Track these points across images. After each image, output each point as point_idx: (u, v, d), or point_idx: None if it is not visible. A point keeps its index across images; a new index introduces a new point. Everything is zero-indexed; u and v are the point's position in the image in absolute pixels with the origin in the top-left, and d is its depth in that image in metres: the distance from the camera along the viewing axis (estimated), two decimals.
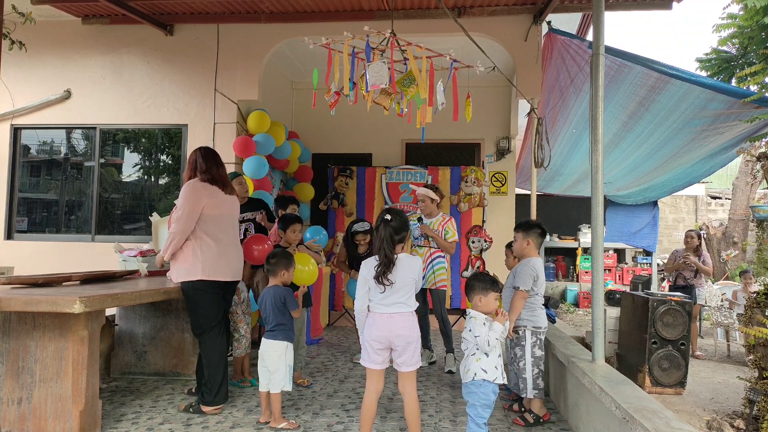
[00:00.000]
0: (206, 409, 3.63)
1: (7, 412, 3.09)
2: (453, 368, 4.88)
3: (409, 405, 3.04)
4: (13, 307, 2.94)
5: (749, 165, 12.03)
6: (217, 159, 3.85)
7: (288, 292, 3.67)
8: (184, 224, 3.57)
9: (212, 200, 3.66)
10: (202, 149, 3.84)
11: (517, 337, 3.74)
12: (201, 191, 3.63)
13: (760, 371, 4.01)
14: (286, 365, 3.53)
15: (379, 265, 2.96)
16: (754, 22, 5.38)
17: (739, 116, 5.11)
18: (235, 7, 5.98)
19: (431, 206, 5.06)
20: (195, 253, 3.61)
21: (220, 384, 3.66)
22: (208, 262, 3.61)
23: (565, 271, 11.93)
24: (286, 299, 3.62)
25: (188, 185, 3.64)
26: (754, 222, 11.55)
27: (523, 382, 3.67)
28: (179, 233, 3.58)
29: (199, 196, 3.61)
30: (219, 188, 3.74)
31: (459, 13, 5.88)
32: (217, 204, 3.69)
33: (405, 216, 3.14)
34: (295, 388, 4.24)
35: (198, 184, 3.65)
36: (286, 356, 3.55)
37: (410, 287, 3.03)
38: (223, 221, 3.75)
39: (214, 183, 3.72)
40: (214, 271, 3.64)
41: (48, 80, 6.44)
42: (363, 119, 7.24)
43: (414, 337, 3.02)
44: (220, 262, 3.67)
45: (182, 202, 3.59)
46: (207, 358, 3.68)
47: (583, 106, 5.83)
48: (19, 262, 6.12)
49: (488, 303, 3.03)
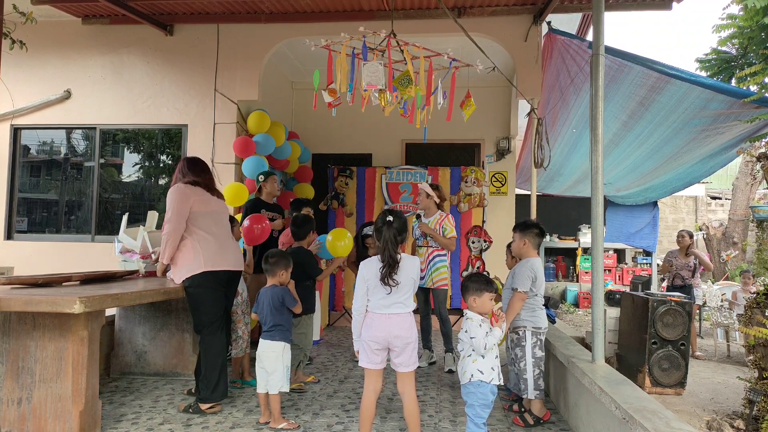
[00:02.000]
0: (203, 406, 3.63)
1: (7, 412, 3.09)
2: (453, 367, 4.89)
3: (409, 405, 3.04)
4: (13, 307, 2.94)
5: (749, 165, 12.04)
6: (202, 167, 3.91)
7: (285, 291, 3.67)
8: (176, 223, 3.61)
9: (199, 198, 3.73)
10: (185, 160, 3.90)
11: (518, 338, 3.73)
12: (186, 190, 3.70)
13: (760, 371, 4.01)
14: (284, 366, 3.52)
15: (384, 266, 2.97)
16: (753, 23, 5.38)
17: (739, 116, 5.11)
18: (235, 7, 5.98)
19: (426, 201, 5.05)
20: (195, 249, 3.65)
21: (217, 381, 3.66)
22: (208, 254, 3.66)
23: (565, 271, 11.93)
24: (284, 298, 3.61)
25: (173, 188, 3.73)
26: (754, 222, 11.56)
27: (524, 383, 3.67)
28: (172, 233, 3.62)
29: (185, 195, 3.67)
30: (204, 190, 3.80)
31: (459, 13, 5.88)
32: (204, 201, 3.75)
33: (404, 217, 3.15)
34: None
35: (182, 186, 3.72)
36: (284, 357, 3.54)
37: (410, 287, 3.04)
38: (215, 217, 3.81)
39: (198, 185, 3.78)
40: (216, 262, 3.68)
41: (48, 80, 6.44)
42: (363, 119, 7.24)
43: (413, 337, 3.03)
44: (220, 253, 3.72)
45: (170, 202, 3.65)
46: (205, 354, 3.69)
47: (583, 106, 5.83)
48: (19, 262, 6.12)
49: (483, 304, 3.03)
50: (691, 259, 7.13)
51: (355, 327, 3.10)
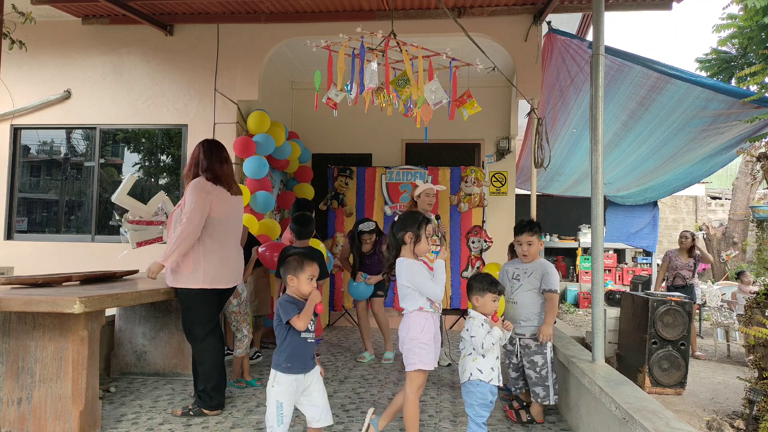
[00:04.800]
0: (207, 412, 3.59)
1: (7, 412, 3.09)
2: (447, 360, 5.05)
3: (403, 406, 3.06)
4: (13, 307, 2.94)
5: (749, 165, 12.03)
6: (222, 155, 3.67)
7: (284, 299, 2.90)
8: (197, 224, 3.40)
9: (219, 202, 3.53)
10: (205, 143, 3.66)
11: (538, 345, 3.65)
12: (208, 189, 3.48)
13: (760, 371, 4.01)
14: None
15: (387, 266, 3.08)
16: (753, 23, 5.39)
17: (739, 116, 5.12)
18: (235, 7, 5.98)
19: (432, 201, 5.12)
20: (197, 261, 3.48)
21: (216, 389, 3.59)
22: (210, 270, 3.50)
23: (565, 271, 11.93)
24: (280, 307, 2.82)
25: (195, 183, 3.49)
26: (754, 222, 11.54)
27: (545, 390, 3.60)
28: (189, 236, 3.39)
29: (208, 199, 3.45)
30: (224, 188, 3.61)
31: (459, 13, 5.88)
32: (222, 205, 3.56)
33: (418, 215, 3.13)
34: None
35: (207, 185, 3.50)
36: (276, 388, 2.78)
37: (406, 289, 3.04)
38: (229, 225, 3.64)
39: (219, 182, 3.57)
40: (215, 279, 3.54)
41: (48, 80, 6.44)
42: (363, 119, 7.24)
43: (407, 338, 3.02)
44: (221, 269, 3.57)
45: (191, 201, 3.40)
46: (201, 364, 3.59)
47: (583, 106, 5.83)
48: (19, 262, 6.11)
49: (485, 304, 3.03)
50: (691, 259, 7.12)
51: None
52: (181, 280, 3.52)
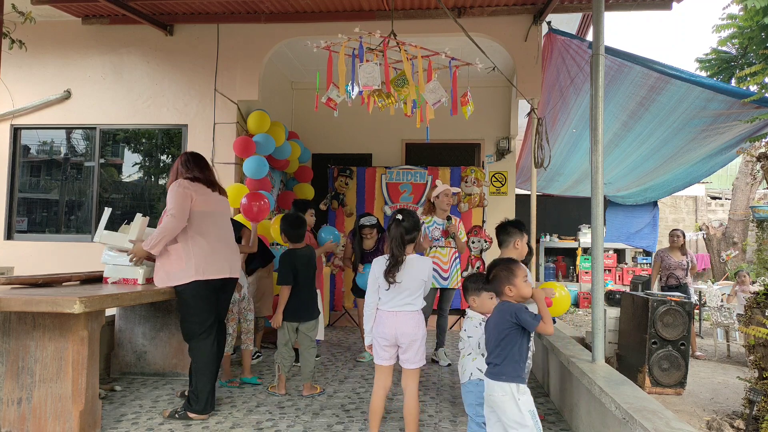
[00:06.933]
0: (192, 415, 3.51)
1: (7, 412, 3.09)
2: (446, 361, 5.12)
3: (409, 402, 3.06)
4: (13, 307, 2.94)
5: (749, 165, 12.02)
6: (201, 163, 3.76)
7: (517, 310, 2.52)
8: (179, 219, 3.45)
9: (200, 197, 3.59)
10: (184, 155, 3.76)
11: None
12: (188, 187, 3.56)
13: (760, 371, 4.01)
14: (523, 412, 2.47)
15: (388, 264, 3.02)
16: (753, 23, 5.39)
17: (739, 116, 5.12)
18: (235, 7, 5.98)
19: (450, 203, 5.19)
20: (187, 255, 3.50)
21: (207, 392, 3.53)
22: (200, 260, 3.51)
23: (565, 271, 11.94)
24: (518, 315, 2.49)
25: (174, 184, 3.58)
26: (754, 222, 11.54)
27: None
28: (172, 229, 3.45)
29: (187, 192, 3.53)
30: (205, 186, 3.67)
31: (459, 13, 5.88)
32: (205, 200, 3.62)
33: (417, 217, 3.15)
34: (294, 387, 4.25)
35: (183, 182, 3.58)
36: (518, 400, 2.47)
37: (417, 288, 3.05)
38: (215, 218, 3.68)
39: (199, 181, 3.64)
40: (208, 270, 3.54)
41: (48, 80, 6.44)
42: (363, 119, 7.24)
43: (419, 335, 3.05)
44: (213, 259, 3.57)
45: (171, 198, 3.49)
46: (195, 363, 3.56)
47: (583, 106, 5.84)
48: (19, 262, 6.11)
49: (483, 303, 3.03)
50: (684, 258, 7.07)
51: (366, 322, 3.12)
52: (177, 278, 3.52)
